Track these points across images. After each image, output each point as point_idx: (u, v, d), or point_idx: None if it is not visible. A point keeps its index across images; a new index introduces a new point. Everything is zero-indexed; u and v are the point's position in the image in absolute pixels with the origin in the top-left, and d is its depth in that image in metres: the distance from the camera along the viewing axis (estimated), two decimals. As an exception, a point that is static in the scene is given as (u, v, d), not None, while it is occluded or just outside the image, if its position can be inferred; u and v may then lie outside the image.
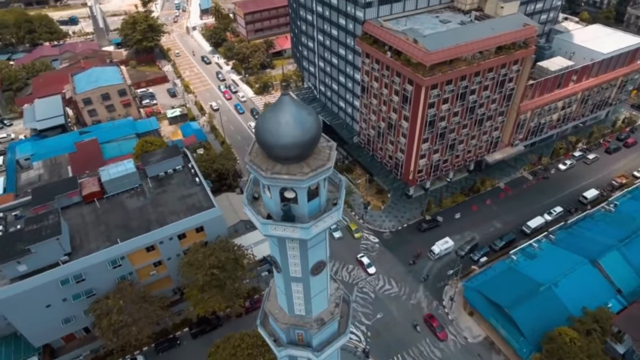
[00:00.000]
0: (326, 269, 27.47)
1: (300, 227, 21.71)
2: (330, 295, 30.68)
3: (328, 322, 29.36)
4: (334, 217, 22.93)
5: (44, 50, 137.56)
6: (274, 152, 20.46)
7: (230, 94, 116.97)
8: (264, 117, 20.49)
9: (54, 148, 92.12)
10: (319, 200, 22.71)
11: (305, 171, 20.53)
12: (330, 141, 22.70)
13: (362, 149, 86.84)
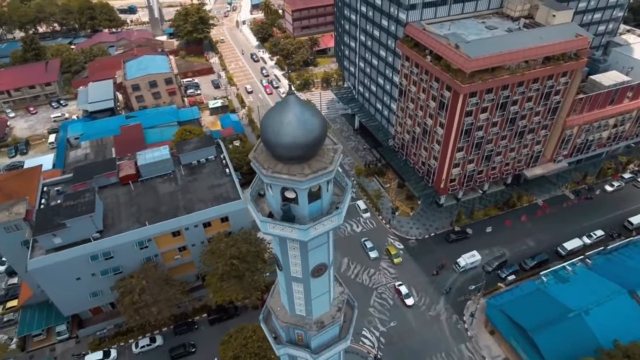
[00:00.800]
0: (328, 272, 27.22)
1: (298, 228, 21.65)
2: (334, 299, 30.45)
3: (328, 326, 29.15)
4: (334, 221, 22.67)
5: (102, 36, 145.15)
6: (276, 151, 20.50)
7: (272, 88, 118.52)
8: (268, 115, 20.57)
9: (102, 130, 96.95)
10: (321, 202, 22.51)
11: (306, 172, 20.41)
12: (337, 144, 22.43)
13: (396, 152, 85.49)
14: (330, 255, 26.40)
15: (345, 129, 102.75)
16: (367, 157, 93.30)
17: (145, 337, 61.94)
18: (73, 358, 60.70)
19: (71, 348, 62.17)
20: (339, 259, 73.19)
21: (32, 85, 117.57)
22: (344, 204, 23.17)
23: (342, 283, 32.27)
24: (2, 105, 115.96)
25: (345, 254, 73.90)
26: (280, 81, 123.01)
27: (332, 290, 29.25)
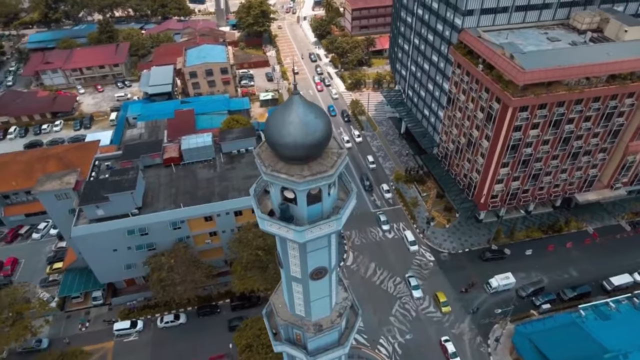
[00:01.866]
0: (330, 277, 26.97)
1: (293, 229, 21.61)
2: (336, 304, 30.20)
3: (326, 330, 28.97)
4: (332, 227, 22.40)
5: (170, 23, 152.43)
6: (277, 149, 20.54)
7: (323, 86, 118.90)
8: (273, 113, 20.64)
9: (158, 112, 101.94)
10: (321, 206, 22.34)
11: (304, 174, 20.30)
12: (342, 148, 22.10)
13: (439, 162, 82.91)
14: (332, 259, 26.15)
15: (391, 133, 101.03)
16: (410, 163, 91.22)
17: (170, 314, 64.72)
18: (104, 323, 64.66)
19: (103, 314, 66.28)
20: (366, 263, 72.36)
21: (102, 65, 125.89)
22: (345, 210, 22.83)
23: (347, 289, 31.96)
24: (75, 82, 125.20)
25: (373, 259, 72.90)
26: (332, 79, 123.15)
27: (333, 294, 29.01)
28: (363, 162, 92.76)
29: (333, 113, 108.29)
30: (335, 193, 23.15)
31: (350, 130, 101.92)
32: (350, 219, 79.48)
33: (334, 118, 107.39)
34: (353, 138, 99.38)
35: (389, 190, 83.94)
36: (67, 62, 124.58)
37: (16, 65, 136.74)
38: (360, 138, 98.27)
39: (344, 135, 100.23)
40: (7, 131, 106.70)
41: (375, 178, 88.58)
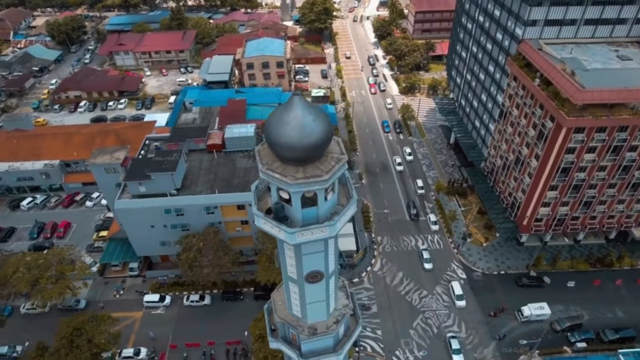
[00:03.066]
0: (326, 282, 26.65)
1: (285, 229, 21.56)
2: (335, 310, 29.83)
3: (321, 335, 28.72)
4: (325, 232, 22.08)
5: (237, 15, 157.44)
6: (273, 148, 20.57)
7: (377, 89, 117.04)
8: (274, 112, 20.65)
9: (213, 99, 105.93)
10: (316, 210, 22.08)
11: (298, 176, 20.16)
12: (343, 154, 21.68)
13: (484, 177, 79.19)
14: (329, 264, 25.82)
15: (439, 142, 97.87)
16: (454, 174, 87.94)
17: (196, 294, 67.26)
18: (136, 294, 68.48)
19: (137, 284, 70.20)
20: (394, 271, 70.89)
21: (169, 51, 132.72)
22: (341, 216, 22.42)
23: (351, 297, 31.44)
24: (143, 64, 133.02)
25: (401, 269, 71.24)
26: (387, 81, 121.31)
27: (331, 300, 28.67)
28: (412, 185, 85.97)
29: (387, 129, 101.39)
30: (334, 198, 22.80)
31: (402, 149, 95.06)
32: (384, 225, 78.87)
33: (387, 135, 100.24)
34: (404, 157, 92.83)
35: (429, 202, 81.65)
36: (138, 45, 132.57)
37: (94, 45, 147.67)
38: (411, 156, 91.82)
39: (396, 156, 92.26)
40: (78, 105, 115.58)
41: (411, 171, 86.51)
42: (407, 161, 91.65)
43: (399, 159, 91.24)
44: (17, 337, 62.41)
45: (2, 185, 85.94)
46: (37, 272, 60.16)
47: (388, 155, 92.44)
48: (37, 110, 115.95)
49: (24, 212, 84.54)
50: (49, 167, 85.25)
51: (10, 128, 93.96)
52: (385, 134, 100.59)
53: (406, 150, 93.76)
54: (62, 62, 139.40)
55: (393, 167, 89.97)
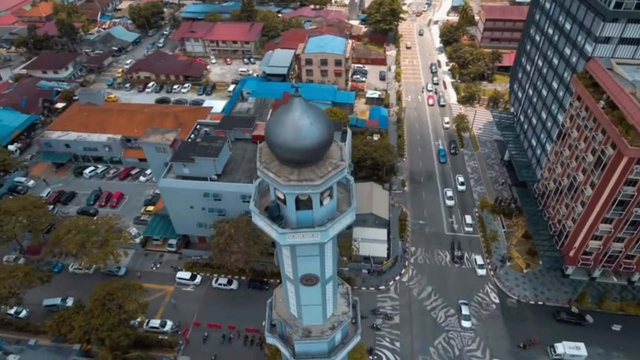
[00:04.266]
0: (323, 287, 26.40)
1: (276, 229, 21.66)
2: (332, 316, 29.56)
3: (314, 338, 28.62)
4: (316, 237, 21.90)
5: (304, 11, 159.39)
6: (270, 147, 20.68)
7: (435, 100, 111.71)
8: (276, 111, 20.75)
9: (269, 91, 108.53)
10: (311, 213, 21.94)
11: (291, 178, 20.16)
12: (342, 160, 21.35)
13: (534, 199, 74.44)
14: (325, 270, 25.61)
15: (493, 156, 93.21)
16: (503, 193, 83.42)
17: (224, 278, 69.56)
18: (171, 269, 72.11)
19: (173, 260, 73.85)
20: (423, 284, 68.84)
21: (235, 41, 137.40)
22: (334, 224, 22.11)
23: (354, 306, 31.01)
24: (210, 52, 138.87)
25: (431, 283, 69.02)
26: (446, 88, 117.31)
27: (329, 305, 28.44)
28: (461, 221, 78.37)
29: (442, 159, 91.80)
30: (332, 204, 22.54)
31: (455, 177, 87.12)
32: (421, 236, 76.64)
33: (443, 167, 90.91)
34: (456, 188, 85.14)
35: (471, 218, 78.16)
36: (208, 34, 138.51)
37: (169, 31, 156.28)
38: (463, 186, 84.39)
39: (447, 190, 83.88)
40: (146, 85, 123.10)
41: (460, 201, 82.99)
42: (458, 192, 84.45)
43: (450, 191, 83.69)
44: (63, 292, 67.94)
45: (70, 152, 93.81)
46: (85, 235, 65.12)
47: (439, 189, 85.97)
48: (111, 87, 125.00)
49: (85, 179, 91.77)
50: (112, 140, 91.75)
51: (84, 101, 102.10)
52: (441, 165, 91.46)
53: (459, 179, 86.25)
54: (138, 45, 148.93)
55: (443, 201, 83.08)
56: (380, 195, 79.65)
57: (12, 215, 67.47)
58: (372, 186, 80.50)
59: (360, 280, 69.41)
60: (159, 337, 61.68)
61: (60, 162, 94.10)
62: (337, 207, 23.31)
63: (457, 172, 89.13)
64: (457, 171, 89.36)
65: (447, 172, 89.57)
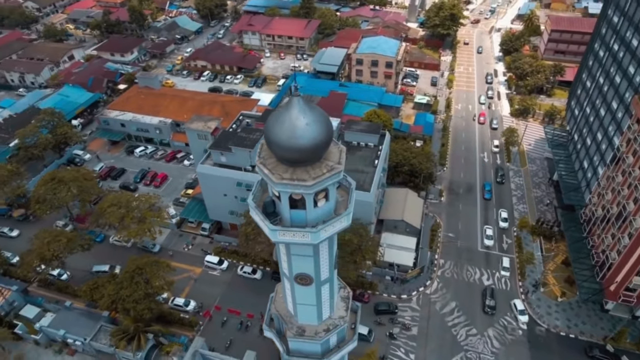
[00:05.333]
0: (317, 288, 26.43)
1: (267, 225, 21.94)
2: (329, 318, 29.52)
3: (307, 338, 28.77)
4: (306, 237, 21.95)
5: (363, 10, 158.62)
6: (267, 143, 20.92)
7: (486, 119, 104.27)
8: (276, 110, 20.97)
9: (317, 88, 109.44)
10: (305, 214, 22.00)
11: (284, 176, 20.33)
12: (339, 164, 21.20)
13: (579, 225, 69.69)
14: (320, 272, 25.64)
15: (540, 175, 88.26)
16: (547, 214, 78.85)
17: (250, 267, 71.20)
18: (201, 252, 74.86)
19: (204, 244, 76.61)
20: (447, 299, 66.74)
21: (290, 36, 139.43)
22: (325, 226, 22.09)
23: (354, 312, 30.88)
24: (265, 46, 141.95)
25: (456, 299, 66.78)
26: (500, 99, 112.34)
27: (324, 307, 28.46)
28: (497, 264, 71.04)
29: (487, 195, 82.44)
30: (329, 207, 22.48)
31: (498, 212, 79.35)
32: (452, 249, 74.12)
33: (486, 203, 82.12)
34: (497, 224, 77.45)
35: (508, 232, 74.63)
36: (265, 28, 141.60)
37: (230, 23, 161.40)
38: (506, 223, 76.64)
39: (487, 228, 76.10)
40: (202, 73, 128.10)
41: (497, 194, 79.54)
42: (499, 229, 76.83)
43: (490, 229, 75.84)
44: (102, 261, 72.61)
45: (124, 132, 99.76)
46: (125, 210, 69.07)
47: (478, 227, 78.14)
48: (170, 72, 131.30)
49: (135, 158, 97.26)
50: (162, 124, 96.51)
51: (142, 85, 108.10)
52: (485, 201, 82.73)
53: (502, 214, 78.61)
54: (200, 34, 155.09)
55: (480, 239, 75.68)
56: (414, 203, 78.01)
57: (65, 184, 72.84)
58: (407, 193, 78.99)
59: (382, 287, 68.55)
60: (180, 315, 64.35)
61: (115, 139, 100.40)
62: (336, 209, 23.21)
63: (501, 205, 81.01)
64: (502, 205, 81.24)
65: (490, 207, 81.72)
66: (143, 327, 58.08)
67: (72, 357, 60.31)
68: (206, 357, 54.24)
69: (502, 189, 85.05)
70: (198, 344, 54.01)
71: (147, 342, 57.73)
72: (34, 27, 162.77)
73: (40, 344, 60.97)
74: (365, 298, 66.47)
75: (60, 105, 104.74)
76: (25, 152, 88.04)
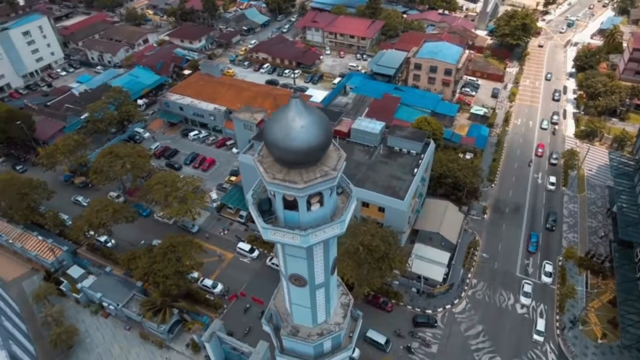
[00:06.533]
0: (312, 291, 26.39)
1: (259, 222, 22.24)
2: (324, 322, 29.40)
3: (300, 339, 28.87)
4: (295, 239, 21.96)
5: (430, 14, 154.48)
6: (264, 142, 21.14)
7: (544, 150, 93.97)
8: (277, 109, 21.14)
9: (371, 89, 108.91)
10: (298, 215, 22.05)
11: (277, 176, 20.51)
12: (334, 170, 20.99)
13: (634, 264, 63.70)
14: (315, 275, 25.62)
15: (599, 204, 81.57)
16: (599, 247, 72.87)
17: (278, 259, 72.42)
18: (235, 238, 77.29)
19: (239, 231, 78.95)
20: (474, 321, 63.94)
21: (352, 36, 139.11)
22: (316, 231, 22.01)
23: (353, 320, 30.52)
24: (327, 43, 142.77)
25: (484, 322, 63.78)
26: (565, 118, 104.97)
27: (319, 311, 28.39)
28: (539, 266, 68.72)
29: (532, 248, 72.55)
30: (324, 211, 22.34)
31: (542, 265, 70.34)
32: (487, 270, 70.71)
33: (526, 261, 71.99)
34: (539, 277, 68.64)
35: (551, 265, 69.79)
36: (329, 25, 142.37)
37: (296, 18, 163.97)
38: (549, 278, 67.70)
39: (526, 283, 67.41)
40: (262, 65, 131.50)
41: (544, 242, 74.61)
42: (544, 283, 68.18)
43: (528, 285, 67.07)
44: (145, 235, 77.19)
45: (182, 115, 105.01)
46: (170, 189, 72.89)
47: (520, 251, 73.39)
48: (232, 62, 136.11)
49: (189, 141, 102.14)
50: (216, 111, 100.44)
51: (204, 72, 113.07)
52: (528, 255, 72.57)
53: (546, 267, 69.38)
54: (266, 27, 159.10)
55: (520, 266, 70.92)
56: (453, 217, 75.41)
57: (120, 159, 78.18)
58: (447, 206, 76.50)
59: (407, 298, 67.04)
60: (207, 296, 66.99)
61: (173, 121, 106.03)
62: (334, 215, 23.09)
63: (546, 257, 71.73)
64: (547, 256, 71.84)
65: (534, 261, 72.06)
66: (170, 302, 61.17)
67: (106, 319, 64.81)
68: (223, 340, 55.86)
69: (550, 237, 75.57)
70: (216, 326, 55.52)
71: (171, 317, 60.72)
72: (118, 11, 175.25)
73: (80, 302, 66.15)
74: (389, 307, 65.41)
75: (129, 84, 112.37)
76: (92, 125, 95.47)
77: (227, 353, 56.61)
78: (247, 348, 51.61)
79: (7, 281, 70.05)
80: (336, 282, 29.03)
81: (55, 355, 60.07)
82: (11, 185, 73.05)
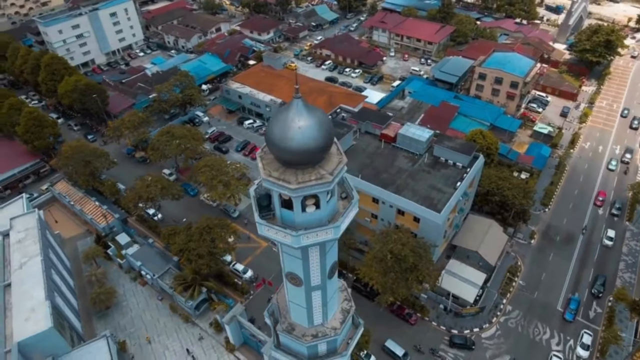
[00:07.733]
0: (307, 292, 26.57)
1: (257, 218, 22.67)
2: (321, 324, 29.46)
3: (294, 337, 29.20)
4: (287, 238, 22.15)
5: (505, 23, 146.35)
6: (265, 139, 21.46)
7: (605, 199, 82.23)
8: (281, 108, 21.37)
9: (429, 96, 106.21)
10: (293, 215, 22.21)
11: (272, 174, 20.79)
12: (331, 174, 20.86)
13: (695, 317, 57.01)
14: (311, 276, 25.78)
15: (666, 246, 73.69)
16: (658, 293, 65.85)
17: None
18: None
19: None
20: (502, 349, 60.66)
21: (419, 39, 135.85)
22: (308, 233, 22.08)
23: (356, 326, 30.23)
24: (392, 45, 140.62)
25: (514, 352, 60.28)
26: (638, 150, 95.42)
27: (315, 313, 28.58)
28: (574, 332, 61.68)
29: (569, 316, 63.50)
30: (320, 214, 22.30)
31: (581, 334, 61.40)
32: (525, 298, 66.41)
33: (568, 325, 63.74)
34: (572, 351, 60.19)
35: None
36: (396, 27, 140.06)
37: (365, 17, 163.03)
38: (586, 351, 59.20)
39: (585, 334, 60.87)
40: (324, 62, 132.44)
41: None
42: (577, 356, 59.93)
43: (588, 336, 60.82)
44: (189, 214, 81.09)
45: (240, 103, 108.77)
46: (216, 173, 75.96)
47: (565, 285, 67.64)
48: (296, 57, 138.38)
49: (243, 129, 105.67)
50: (272, 102, 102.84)
51: (266, 63, 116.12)
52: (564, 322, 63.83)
53: (584, 337, 60.74)
54: (334, 24, 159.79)
55: (562, 300, 65.94)
56: (496, 237, 71.91)
57: (175, 139, 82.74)
58: (491, 225, 73.10)
59: (434, 314, 64.97)
60: (236, 280, 69.27)
61: (231, 109, 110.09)
62: (333, 219, 23.03)
63: (586, 325, 63.20)
64: (587, 326, 63.15)
65: (570, 329, 63.02)
66: (200, 280, 64.00)
67: (143, 287, 69.25)
68: (242, 324, 57.75)
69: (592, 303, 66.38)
70: (237, 310, 57.73)
71: (200, 294, 63.52)
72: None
73: (123, 268, 71.17)
74: (412, 320, 63.84)
75: (197, 69, 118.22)
76: (158, 105, 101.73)
77: (245, 338, 58.57)
78: (263, 337, 52.95)
79: (64, 238, 76.92)
80: (337, 286, 28.91)
81: (94, 312, 65.24)
82: (79, 152, 79.88)
